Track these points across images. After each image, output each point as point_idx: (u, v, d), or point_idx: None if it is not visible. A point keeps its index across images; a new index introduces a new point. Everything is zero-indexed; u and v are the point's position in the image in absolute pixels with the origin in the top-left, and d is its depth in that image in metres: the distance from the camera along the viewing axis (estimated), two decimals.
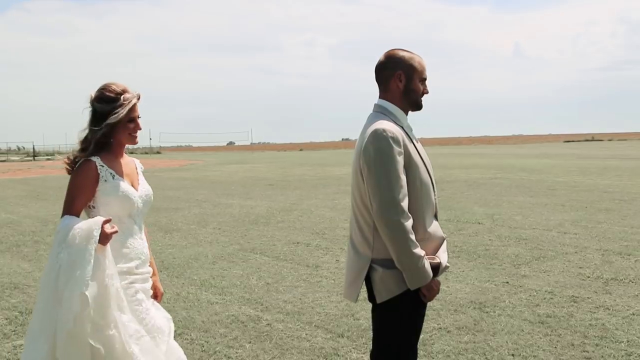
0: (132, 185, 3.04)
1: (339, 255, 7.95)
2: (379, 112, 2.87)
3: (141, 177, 3.18)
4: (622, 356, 4.40)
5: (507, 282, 6.42)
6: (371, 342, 2.97)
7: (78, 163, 2.93)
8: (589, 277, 6.58)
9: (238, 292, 6.30)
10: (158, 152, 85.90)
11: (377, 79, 2.92)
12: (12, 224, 11.97)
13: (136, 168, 3.19)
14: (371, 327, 2.99)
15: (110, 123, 2.88)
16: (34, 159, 64.06)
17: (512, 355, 4.46)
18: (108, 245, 2.78)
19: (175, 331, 5.13)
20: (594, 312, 5.37)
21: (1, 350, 4.81)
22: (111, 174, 2.94)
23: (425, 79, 2.90)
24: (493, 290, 6.17)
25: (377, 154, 2.67)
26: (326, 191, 17.21)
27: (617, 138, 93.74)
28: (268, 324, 5.29)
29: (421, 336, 4.79)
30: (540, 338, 4.77)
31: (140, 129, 3.02)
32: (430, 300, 2.80)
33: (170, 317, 3.26)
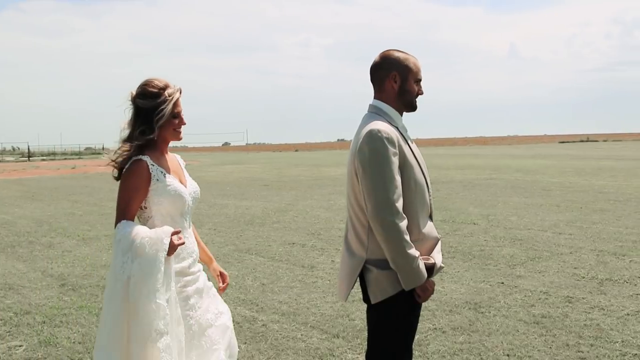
0: (181, 182, 2.99)
1: (334, 256, 7.95)
2: (374, 113, 2.87)
3: (186, 173, 3.12)
4: (617, 356, 4.41)
5: (502, 283, 6.43)
6: (366, 343, 2.97)
7: (128, 163, 2.84)
8: (583, 277, 6.60)
9: (233, 293, 6.30)
10: None
11: (372, 80, 2.92)
12: (6, 225, 11.94)
13: (179, 164, 3.13)
14: (366, 327, 2.99)
15: (157, 120, 2.82)
16: (29, 160, 63.93)
17: (507, 355, 4.47)
18: (172, 256, 2.74)
19: None
20: (589, 313, 5.38)
21: None
22: (162, 172, 2.87)
23: (420, 80, 2.90)
24: (488, 290, 6.18)
25: (372, 155, 2.67)
26: (322, 192, 17.21)
27: (611, 139, 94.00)
28: (263, 325, 5.29)
29: (416, 336, 4.79)
30: (536, 338, 4.78)
31: (184, 123, 2.94)
32: (424, 300, 2.80)
33: (227, 308, 3.17)
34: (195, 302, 2.95)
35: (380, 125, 2.72)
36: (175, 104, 2.88)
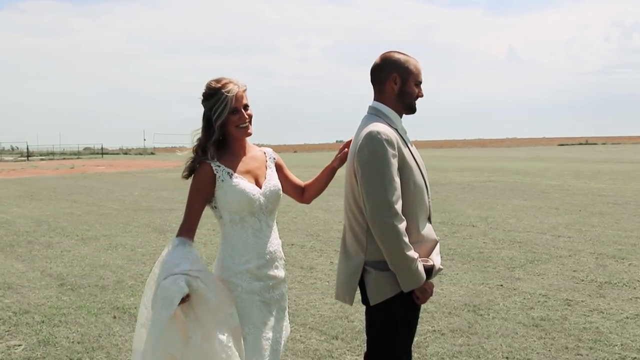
0: (257, 181, 2.96)
1: (333, 257, 7.95)
2: (373, 114, 2.86)
3: (270, 171, 3.06)
4: (616, 359, 4.41)
5: (502, 285, 6.43)
6: (365, 344, 2.97)
7: (196, 167, 2.90)
8: (582, 280, 6.60)
9: None
10: (152, 153, 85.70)
11: (372, 81, 2.92)
12: (5, 224, 11.93)
13: (266, 160, 3.08)
14: (365, 329, 2.99)
15: (215, 120, 2.84)
16: (28, 159, 63.89)
17: (506, 358, 4.47)
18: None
19: None
20: (588, 316, 5.38)
21: None
22: (228, 173, 2.88)
23: (420, 82, 2.89)
24: (487, 293, 6.18)
25: (371, 156, 2.67)
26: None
27: (610, 142, 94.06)
28: None
29: (415, 338, 4.79)
30: (535, 341, 4.78)
31: (245, 119, 2.90)
32: (423, 302, 2.80)
33: (287, 331, 3.16)
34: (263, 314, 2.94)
35: (379, 127, 2.72)
36: (234, 101, 2.85)
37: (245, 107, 2.90)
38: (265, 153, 3.10)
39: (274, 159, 3.13)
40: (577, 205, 13.18)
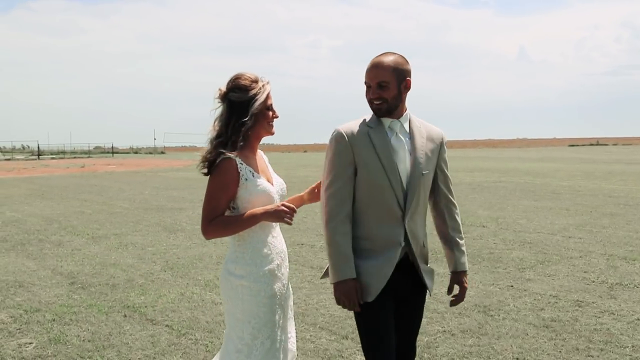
0: (268, 181, 2.94)
1: None
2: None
3: (271, 170, 3.06)
4: None
5: (512, 286, 6.41)
6: None
7: (217, 161, 2.79)
8: (593, 281, 6.56)
9: None
10: (162, 152, 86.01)
11: None
12: (17, 223, 12.00)
13: (265, 161, 3.07)
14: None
15: (254, 113, 2.79)
16: (39, 158, 64.25)
17: (517, 359, 4.45)
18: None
19: (179, 331, 5.15)
20: (599, 317, 5.35)
21: (6, 348, 4.82)
22: (250, 171, 2.82)
23: (367, 84, 2.85)
24: (498, 293, 6.16)
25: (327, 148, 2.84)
26: None
27: (621, 143, 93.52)
28: None
29: (425, 339, 4.80)
30: (545, 342, 4.76)
31: (277, 116, 2.90)
32: (340, 304, 2.84)
33: (294, 332, 3.14)
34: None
35: (342, 125, 2.83)
36: (269, 96, 2.85)
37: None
38: (262, 154, 3.10)
39: (267, 160, 3.14)
40: (588, 206, 13.11)
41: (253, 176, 2.82)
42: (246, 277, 2.82)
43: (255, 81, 2.83)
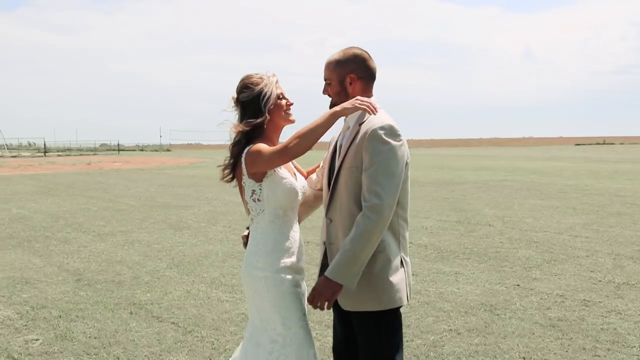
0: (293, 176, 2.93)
1: None
2: None
3: (293, 167, 3.04)
4: None
5: (518, 285, 6.39)
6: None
7: (244, 154, 2.78)
8: (600, 281, 6.54)
9: None
10: (168, 150, 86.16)
11: None
12: (23, 219, 12.04)
13: None
14: None
15: (265, 104, 2.79)
16: (45, 155, 64.43)
17: (523, 358, 4.44)
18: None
19: (185, 328, 5.15)
20: (606, 317, 5.33)
21: (13, 345, 4.83)
22: None
23: (325, 80, 2.88)
24: (504, 292, 6.14)
25: None
26: None
27: (628, 142, 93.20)
28: None
29: (431, 338, 4.80)
30: (552, 341, 4.75)
31: (292, 103, 2.90)
32: (320, 298, 2.83)
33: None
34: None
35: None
36: (276, 86, 2.86)
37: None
38: None
39: None
40: (594, 205, 13.07)
41: (279, 169, 2.81)
42: (268, 268, 2.83)
43: (262, 77, 2.85)
